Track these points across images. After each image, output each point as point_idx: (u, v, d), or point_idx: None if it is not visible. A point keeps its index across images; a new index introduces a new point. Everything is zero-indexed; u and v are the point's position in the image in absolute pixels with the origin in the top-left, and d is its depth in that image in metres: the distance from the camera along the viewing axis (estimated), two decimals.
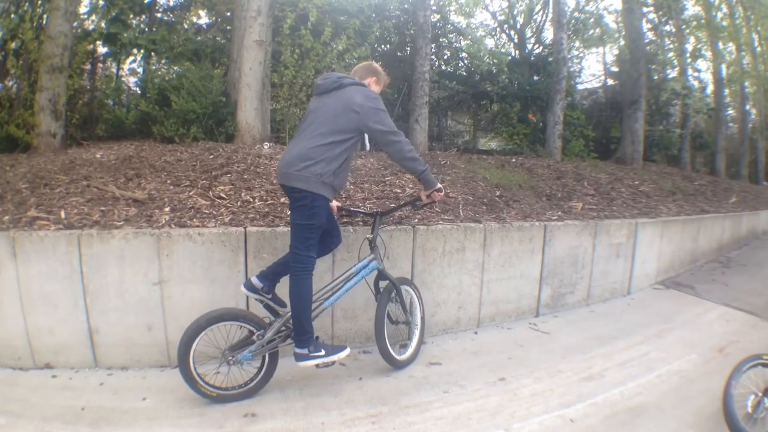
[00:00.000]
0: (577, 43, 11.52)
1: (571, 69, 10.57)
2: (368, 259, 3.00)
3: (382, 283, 3.09)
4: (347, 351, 2.75)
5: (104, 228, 2.97)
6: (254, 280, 2.77)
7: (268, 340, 2.64)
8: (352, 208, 3.40)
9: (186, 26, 7.50)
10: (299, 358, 2.62)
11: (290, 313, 2.65)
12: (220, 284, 3.04)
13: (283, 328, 2.70)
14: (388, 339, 3.02)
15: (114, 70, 6.98)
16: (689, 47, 12.69)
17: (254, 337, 2.65)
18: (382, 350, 3.00)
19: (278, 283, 2.83)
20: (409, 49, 8.50)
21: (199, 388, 2.55)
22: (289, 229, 2.70)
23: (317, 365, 2.64)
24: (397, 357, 3.10)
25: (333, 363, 2.71)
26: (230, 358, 2.61)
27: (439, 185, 2.79)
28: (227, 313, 2.64)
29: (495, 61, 9.31)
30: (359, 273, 2.95)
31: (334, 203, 3.09)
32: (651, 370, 3.28)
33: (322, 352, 2.64)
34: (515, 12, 10.91)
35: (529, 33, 10.92)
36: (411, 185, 4.52)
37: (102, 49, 6.63)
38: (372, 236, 3.04)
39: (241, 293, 3.04)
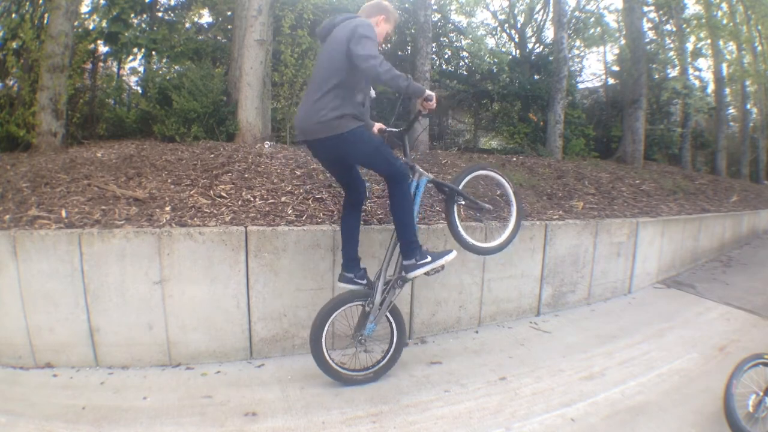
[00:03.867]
0: (577, 43, 11.49)
1: (572, 68, 10.54)
2: (415, 180, 2.94)
3: (444, 189, 3.10)
4: (454, 253, 2.82)
5: (105, 227, 2.97)
6: (345, 274, 2.90)
7: (380, 302, 2.80)
8: (389, 128, 3.20)
9: (187, 25, 7.50)
10: (408, 269, 2.73)
11: (383, 268, 2.83)
12: (221, 283, 3.05)
13: (386, 283, 2.84)
14: (468, 236, 3.03)
15: (115, 69, 6.99)
16: (690, 46, 12.67)
17: (367, 308, 2.81)
18: (464, 246, 3.03)
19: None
20: (409, 48, 8.49)
21: (345, 378, 2.82)
22: (367, 166, 2.94)
23: (427, 272, 2.74)
24: (482, 245, 3.13)
25: (442, 267, 2.79)
26: (360, 337, 2.81)
27: (427, 92, 2.62)
28: (339, 302, 2.80)
29: (496, 60, 9.29)
30: (416, 196, 2.92)
31: (376, 126, 3.08)
32: (652, 369, 3.28)
33: (428, 259, 2.72)
34: (516, 11, 10.89)
35: (529, 32, 10.89)
36: None
37: (103, 48, 6.64)
38: (405, 158, 2.99)
39: (241, 293, 3.05)
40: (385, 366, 2.98)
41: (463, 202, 3.16)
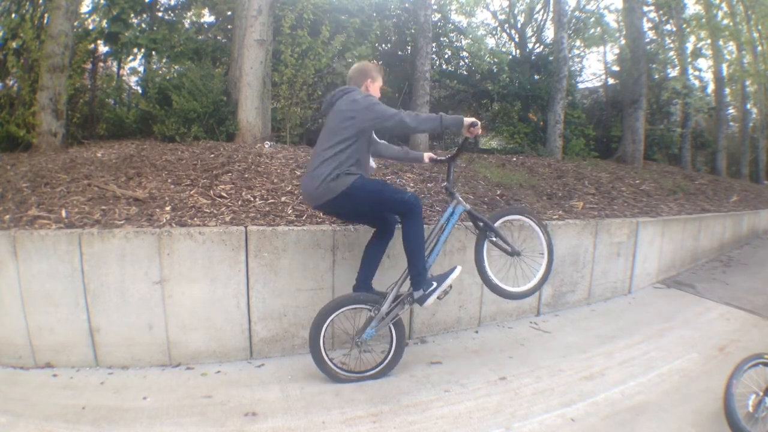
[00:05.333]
0: (577, 42, 11.49)
1: (572, 68, 10.54)
2: (452, 207, 3.00)
3: (478, 224, 3.06)
4: (458, 270, 2.91)
5: (105, 227, 2.97)
6: (355, 295, 2.93)
7: (387, 312, 2.86)
8: (438, 158, 3.34)
9: (187, 25, 7.50)
10: (420, 300, 2.81)
11: (396, 286, 2.90)
12: (221, 283, 3.04)
13: (397, 296, 2.89)
14: (494, 276, 3.05)
15: (115, 69, 7.00)
16: (690, 46, 12.68)
17: (372, 313, 2.87)
18: (488, 285, 3.05)
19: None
20: (409, 48, 8.49)
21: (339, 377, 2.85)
22: (358, 223, 3.20)
23: (438, 297, 2.85)
24: (511, 289, 3.08)
25: (450, 287, 2.89)
26: (357, 340, 2.88)
27: (467, 120, 2.71)
28: (341, 303, 2.87)
29: (496, 60, 9.30)
30: (449, 222, 2.99)
31: (426, 155, 3.30)
32: (652, 369, 3.28)
33: (434, 285, 2.81)
34: (516, 11, 10.90)
35: (529, 32, 10.90)
36: (411, 183, 4.52)
37: (103, 48, 6.65)
38: (448, 183, 3.08)
39: (241, 293, 3.05)
40: (383, 371, 2.99)
41: (495, 239, 3.08)
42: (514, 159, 6.96)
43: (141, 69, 6.85)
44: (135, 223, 3.07)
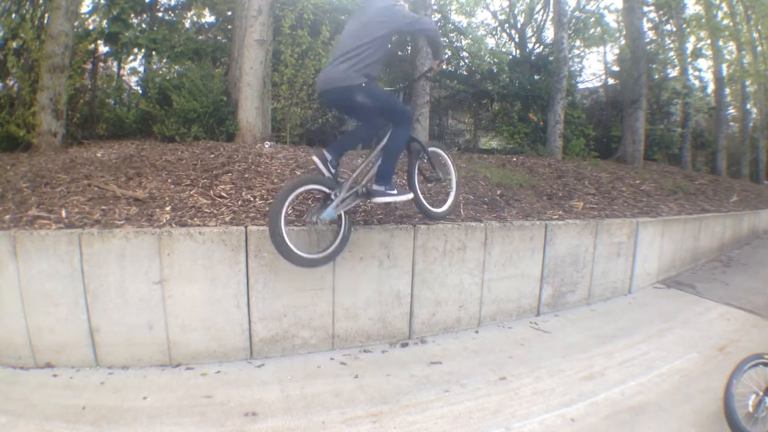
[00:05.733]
0: (577, 43, 11.47)
1: (572, 68, 10.54)
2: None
3: (413, 145, 3.57)
4: (412, 195, 3.37)
5: (105, 227, 2.97)
6: (325, 152, 3.19)
7: (343, 198, 3.11)
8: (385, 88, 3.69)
9: (187, 25, 7.50)
10: (375, 194, 3.17)
11: (356, 174, 3.26)
12: (221, 283, 3.04)
13: (352, 186, 3.18)
14: (425, 198, 3.61)
15: (115, 69, 7.00)
16: (690, 46, 12.67)
17: (332, 196, 3.08)
18: (417, 204, 3.54)
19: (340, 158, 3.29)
20: (409, 48, 8.48)
21: (293, 257, 2.89)
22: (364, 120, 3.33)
23: (389, 202, 3.32)
24: (434, 209, 3.64)
25: (401, 202, 3.53)
26: (315, 219, 3.01)
27: (443, 57, 3.45)
28: (306, 180, 3.11)
29: (496, 60, 9.28)
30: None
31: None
32: (652, 369, 3.28)
33: (395, 191, 3.21)
34: (516, 11, 10.89)
35: (529, 32, 10.89)
36: None
37: (103, 49, 6.64)
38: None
39: (241, 293, 3.05)
40: (330, 255, 3.11)
41: (426, 161, 3.66)
42: (514, 159, 6.96)
43: (141, 69, 6.85)
44: (135, 223, 3.07)
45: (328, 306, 3.34)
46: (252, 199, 3.60)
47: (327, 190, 3.11)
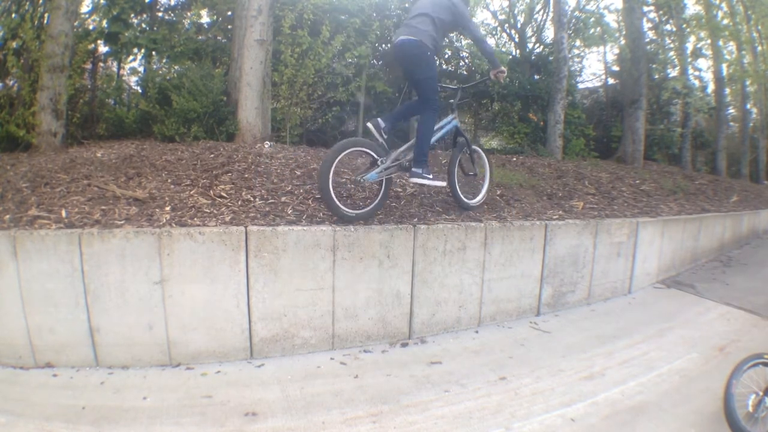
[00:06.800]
0: (577, 43, 11.47)
1: (572, 68, 10.53)
2: (451, 117, 4.00)
3: (459, 139, 4.10)
4: (444, 183, 3.88)
5: (105, 227, 2.97)
6: (380, 120, 3.53)
7: (387, 166, 3.47)
8: (441, 85, 4.04)
9: (187, 25, 7.49)
10: (413, 175, 3.53)
11: (402, 149, 3.61)
12: (221, 283, 3.05)
13: (398, 158, 3.56)
14: (460, 188, 4.02)
15: (115, 69, 6.98)
16: (690, 46, 12.66)
17: (378, 162, 3.45)
18: (453, 193, 4.00)
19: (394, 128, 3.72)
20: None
21: (338, 211, 3.28)
22: (417, 86, 3.69)
23: (424, 184, 3.61)
24: (466, 200, 4.08)
25: (435, 187, 4.10)
26: (361, 179, 3.42)
27: (502, 68, 3.87)
28: (357, 142, 3.49)
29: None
30: (444, 127, 3.92)
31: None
32: (652, 369, 3.28)
33: (431, 176, 3.55)
34: (516, 11, 10.89)
35: (529, 32, 10.89)
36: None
37: (103, 48, 6.63)
38: (454, 102, 4.11)
39: (241, 293, 3.05)
40: (369, 212, 3.46)
41: (468, 155, 4.16)
42: (514, 159, 6.96)
43: (141, 69, 6.83)
44: (135, 223, 3.07)
45: (328, 306, 3.34)
46: (252, 199, 3.60)
47: (375, 156, 3.47)
